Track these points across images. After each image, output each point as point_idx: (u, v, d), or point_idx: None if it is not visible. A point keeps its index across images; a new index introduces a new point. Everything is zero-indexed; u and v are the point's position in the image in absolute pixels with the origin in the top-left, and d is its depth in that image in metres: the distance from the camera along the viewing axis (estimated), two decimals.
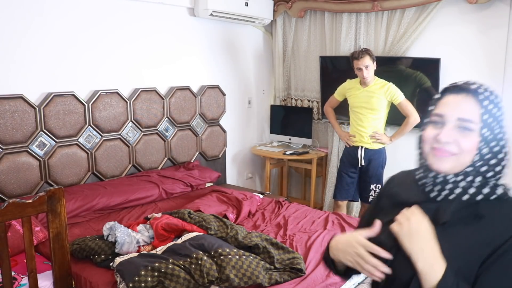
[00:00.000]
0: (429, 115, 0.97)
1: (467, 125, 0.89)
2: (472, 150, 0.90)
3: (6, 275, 1.53)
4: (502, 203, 0.90)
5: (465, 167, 0.90)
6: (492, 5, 3.09)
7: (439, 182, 0.92)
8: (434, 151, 0.92)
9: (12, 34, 2.54)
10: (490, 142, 0.90)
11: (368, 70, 3.06)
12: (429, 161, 0.94)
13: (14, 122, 2.55)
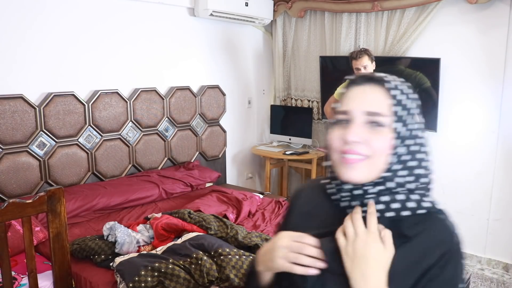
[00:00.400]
0: (335, 114, 0.82)
1: (376, 119, 0.77)
2: (386, 150, 0.77)
3: (6, 275, 1.53)
4: (429, 220, 0.77)
5: (381, 172, 0.77)
6: (492, 5, 3.09)
7: (356, 195, 0.79)
8: (343, 159, 0.78)
9: (12, 34, 2.54)
10: (405, 139, 0.78)
11: (366, 70, 3.06)
12: (338, 172, 0.79)
13: (14, 122, 2.55)
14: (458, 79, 3.33)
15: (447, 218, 0.80)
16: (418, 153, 0.79)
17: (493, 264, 3.36)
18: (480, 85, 3.25)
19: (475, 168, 3.36)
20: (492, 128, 3.24)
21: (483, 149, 3.30)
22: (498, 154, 3.25)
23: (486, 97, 3.24)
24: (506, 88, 3.14)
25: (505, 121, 3.18)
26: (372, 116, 0.77)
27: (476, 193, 3.37)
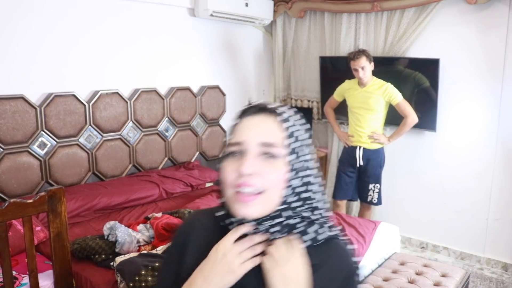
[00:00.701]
0: (226, 147, 0.78)
1: (270, 150, 0.75)
2: (281, 183, 0.76)
3: (7, 274, 1.54)
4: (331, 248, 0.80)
5: (277, 206, 0.76)
6: (491, 5, 3.09)
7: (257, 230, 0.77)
8: (238, 196, 0.75)
9: (12, 34, 2.55)
10: (299, 171, 0.77)
11: (364, 71, 3.07)
12: (233, 208, 0.76)
13: (15, 122, 2.56)
14: (457, 79, 3.34)
15: (345, 244, 0.83)
16: (311, 185, 0.79)
17: (492, 264, 3.36)
18: (479, 85, 3.26)
19: (474, 168, 3.36)
20: (492, 128, 3.25)
21: (482, 149, 3.31)
22: (498, 154, 3.25)
23: (485, 97, 3.25)
24: (505, 88, 3.15)
25: (504, 121, 3.19)
26: (267, 147, 0.75)
27: (476, 193, 3.38)
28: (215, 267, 0.75)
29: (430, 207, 3.63)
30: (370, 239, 2.57)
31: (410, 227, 3.73)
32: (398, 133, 3.20)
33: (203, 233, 0.85)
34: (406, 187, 3.74)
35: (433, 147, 3.54)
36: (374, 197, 3.29)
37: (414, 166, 3.68)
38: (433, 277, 2.27)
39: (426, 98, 3.40)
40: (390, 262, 2.48)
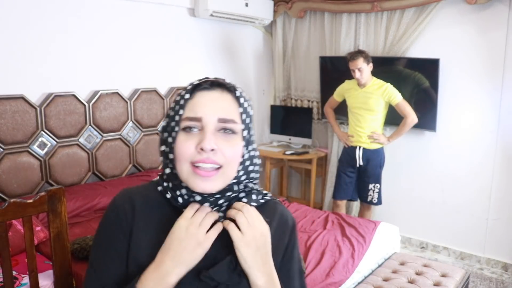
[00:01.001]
0: (175, 122, 0.77)
1: (229, 126, 0.77)
2: (238, 158, 0.78)
3: (7, 274, 1.54)
4: (274, 208, 0.88)
5: (231, 180, 0.79)
6: (491, 5, 3.09)
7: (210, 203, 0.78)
8: (197, 171, 0.75)
9: (12, 35, 2.55)
10: (249, 145, 0.81)
11: (361, 72, 3.07)
12: (190, 182, 0.76)
13: (15, 122, 2.56)
14: (457, 79, 3.34)
15: (280, 203, 0.92)
16: (255, 158, 0.83)
17: (492, 264, 3.36)
18: (479, 85, 3.26)
19: (474, 167, 3.36)
20: (491, 128, 3.25)
21: (482, 149, 3.31)
22: (497, 154, 3.25)
23: (485, 97, 3.25)
24: (505, 88, 3.15)
25: (504, 121, 3.19)
26: (226, 123, 0.76)
27: (475, 193, 3.38)
28: (181, 244, 0.74)
29: (430, 207, 3.63)
30: (370, 239, 2.57)
31: (410, 227, 3.73)
32: (398, 133, 3.20)
33: (148, 210, 0.82)
34: (406, 187, 3.74)
35: (433, 147, 3.54)
36: (374, 197, 3.29)
37: (414, 166, 3.68)
38: (433, 277, 2.27)
39: (426, 98, 3.40)
40: (390, 262, 2.48)
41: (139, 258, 0.79)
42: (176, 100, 0.79)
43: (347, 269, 2.27)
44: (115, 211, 0.82)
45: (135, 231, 0.80)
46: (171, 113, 0.79)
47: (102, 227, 0.83)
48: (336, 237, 2.56)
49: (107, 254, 0.80)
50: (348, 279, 2.23)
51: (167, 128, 0.80)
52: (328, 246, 2.45)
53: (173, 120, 0.78)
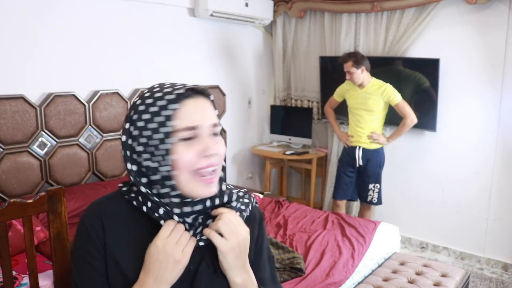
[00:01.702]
0: (163, 134, 0.76)
1: (217, 129, 0.81)
2: (223, 158, 0.83)
3: (7, 274, 1.54)
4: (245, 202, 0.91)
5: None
6: (491, 5, 3.09)
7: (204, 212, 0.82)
8: (201, 178, 0.78)
9: (12, 35, 2.55)
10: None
11: (351, 75, 3.10)
12: (192, 190, 0.79)
13: (15, 122, 2.56)
14: (457, 79, 3.34)
15: (249, 194, 0.94)
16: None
17: (492, 264, 3.36)
18: (479, 85, 3.26)
19: (474, 168, 3.36)
20: (491, 128, 3.25)
21: (482, 149, 3.31)
22: (497, 154, 3.25)
23: (485, 97, 3.25)
24: (505, 88, 3.15)
25: (504, 121, 3.19)
26: (215, 127, 0.80)
27: (476, 193, 3.38)
28: (161, 264, 0.76)
29: (430, 207, 3.63)
30: (370, 239, 2.57)
31: (410, 227, 3.73)
32: (398, 133, 3.20)
33: (120, 225, 0.81)
34: (406, 187, 3.74)
35: (433, 147, 3.54)
36: (374, 197, 3.29)
37: (414, 166, 3.68)
38: (433, 277, 2.27)
39: (426, 98, 3.40)
40: (390, 262, 2.48)
41: (119, 274, 0.80)
42: (155, 111, 0.77)
43: (347, 269, 2.27)
44: (85, 232, 0.81)
45: (108, 248, 0.80)
46: (153, 125, 0.77)
47: (76, 247, 0.82)
48: (336, 237, 2.56)
49: (88, 273, 0.81)
50: (348, 279, 2.23)
51: (148, 142, 0.77)
52: (328, 246, 2.45)
53: (156, 132, 0.77)
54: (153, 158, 0.78)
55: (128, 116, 0.81)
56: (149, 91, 0.81)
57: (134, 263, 0.80)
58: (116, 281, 0.80)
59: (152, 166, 0.78)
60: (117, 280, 0.80)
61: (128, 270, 0.80)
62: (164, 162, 0.77)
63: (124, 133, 0.81)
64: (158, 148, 0.77)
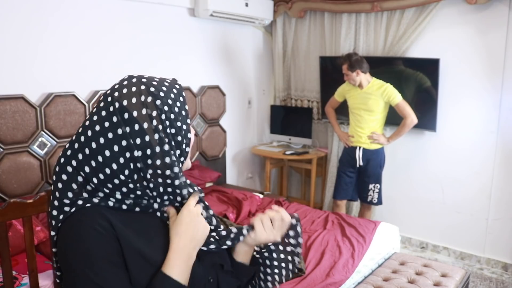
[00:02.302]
0: (188, 116, 0.88)
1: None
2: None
3: (7, 274, 1.54)
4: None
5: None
6: (491, 5, 3.09)
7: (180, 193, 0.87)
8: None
9: (13, 35, 2.55)
10: None
11: (347, 76, 3.13)
12: (187, 164, 0.91)
13: (14, 122, 2.56)
14: (457, 79, 3.34)
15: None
16: None
17: (492, 264, 3.36)
18: (479, 85, 3.26)
19: (474, 167, 3.36)
20: (491, 128, 3.25)
21: (482, 149, 3.31)
22: (497, 153, 3.25)
23: (485, 97, 3.25)
24: (505, 88, 3.15)
25: (504, 121, 3.19)
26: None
27: (476, 193, 3.38)
28: (194, 226, 0.84)
29: (430, 207, 3.63)
30: (370, 239, 2.57)
31: (410, 227, 3.73)
32: (398, 134, 3.20)
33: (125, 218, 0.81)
34: (406, 187, 3.74)
35: (433, 147, 3.54)
36: (374, 197, 3.29)
37: (414, 166, 3.68)
38: (433, 277, 2.27)
39: (426, 98, 3.40)
40: (390, 262, 2.48)
41: (144, 262, 0.79)
42: (174, 97, 0.85)
43: (347, 269, 2.27)
44: (94, 234, 0.77)
45: (123, 241, 0.78)
46: (176, 108, 0.84)
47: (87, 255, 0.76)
48: (336, 237, 2.56)
49: (115, 275, 0.77)
50: (348, 279, 2.23)
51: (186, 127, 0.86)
52: (328, 246, 2.45)
53: (180, 114, 0.85)
54: (176, 137, 0.84)
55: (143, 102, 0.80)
56: (153, 83, 0.84)
57: (155, 246, 0.82)
58: (143, 271, 0.79)
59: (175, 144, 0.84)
60: (144, 270, 0.79)
61: (152, 254, 0.81)
62: (185, 141, 0.85)
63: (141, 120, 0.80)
64: (182, 128, 0.85)
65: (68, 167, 0.81)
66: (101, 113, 0.81)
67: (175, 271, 0.80)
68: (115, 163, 0.78)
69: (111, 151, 0.78)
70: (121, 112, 0.79)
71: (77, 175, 0.80)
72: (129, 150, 0.78)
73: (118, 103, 0.80)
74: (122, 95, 0.82)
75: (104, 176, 0.79)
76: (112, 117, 0.79)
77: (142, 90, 0.81)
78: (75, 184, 0.80)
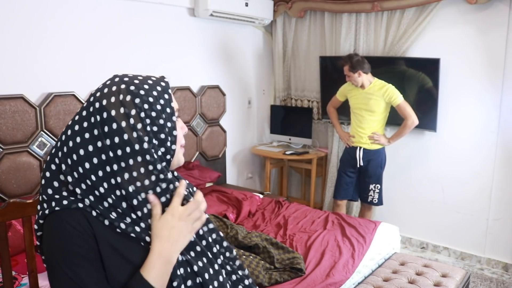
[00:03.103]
0: (173, 113, 0.88)
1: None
2: None
3: (6, 274, 1.54)
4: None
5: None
6: (492, 5, 3.09)
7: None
8: (181, 148, 0.93)
9: (12, 34, 2.55)
10: None
11: (349, 78, 3.13)
12: (178, 159, 0.91)
13: (14, 122, 2.56)
14: (457, 79, 3.33)
15: None
16: None
17: (492, 264, 3.36)
18: (479, 85, 3.25)
19: (474, 167, 3.36)
20: (492, 128, 3.24)
21: (482, 149, 3.31)
22: (498, 154, 3.25)
23: (485, 97, 3.24)
24: (505, 88, 3.15)
25: (505, 121, 3.18)
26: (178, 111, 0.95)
27: (476, 193, 3.37)
28: (177, 231, 0.83)
29: (430, 207, 3.62)
30: (370, 239, 2.57)
31: (410, 227, 3.73)
32: (398, 135, 3.19)
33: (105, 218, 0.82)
34: (407, 187, 3.74)
35: (434, 147, 3.54)
36: (375, 198, 3.29)
37: (414, 166, 3.68)
38: (433, 277, 2.26)
39: (427, 98, 3.40)
40: (390, 262, 2.48)
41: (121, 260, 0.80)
42: (157, 95, 0.86)
43: (347, 269, 2.26)
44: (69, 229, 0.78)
45: (100, 238, 0.79)
46: (159, 106, 0.84)
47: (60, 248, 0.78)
48: (336, 237, 2.56)
49: (86, 271, 0.77)
50: (348, 280, 2.22)
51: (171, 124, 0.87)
52: (328, 246, 2.45)
53: (163, 112, 0.85)
54: (159, 135, 0.84)
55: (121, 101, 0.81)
56: (135, 81, 0.85)
57: (135, 246, 0.82)
58: (120, 269, 0.80)
59: (158, 142, 0.85)
60: (121, 268, 0.80)
61: (131, 254, 0.81)
62: (170, 138, 0.86)
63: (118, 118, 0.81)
64: (166, 125, 0.85)
65: (52, 165, 0.83)
66: (82, 113, 0.84)
67: (153, 274, 0.79)
68: (88, 163, 0.80)
69: (86, 150, 0.80)
70: (100, 111, 0.81)
71: (58, 172, 0.83)
72: (104, 152, 0.80)
73: (98, 102, 0.82)
74: (102, 94, 0.83)
75: (78, 174, 0.80)
76: (91, 118, 0.82)
77: (122, 89, 0.83)
78: (57, 181, 0.82)
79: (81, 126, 0.82)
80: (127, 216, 0.82)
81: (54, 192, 0.82)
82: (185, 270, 0.85)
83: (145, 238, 0.82)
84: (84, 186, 0.80)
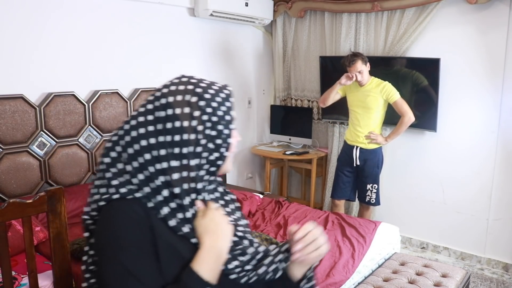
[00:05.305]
0: (231, 121, 0.90)
1: None
2: None
3: (6, 275, 1.53)
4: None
5: None
6: (492, 5, 3.09)
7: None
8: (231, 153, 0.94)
9: (12, 34, 2.55)
10: None
11: (362, 75, 3.10)
12: (226, 167, 0.94)
13: (14, 122, 2.55)
14: (457, 79, 3.33)
15: None
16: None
17: (492, 264, 3.36)
18: (479, 85, 3.25)
19: (474, 167, 3.36)
20: (492, 128, 3.24)
21: (482, 149, 3.30)
22: (498, 154, 3.25)
23: (485, 97, 3.24)
24: (505, 88, 3.15)
25: (505, 121, 3.18)
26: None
27: (476, 193, 3.37)
28: (224, 228, 0.85)
29: (430, 207, 3.62)
30: (370, 239, 2.56)
31: (410, 227, 3.73)
32: (395, 132, 3.19)
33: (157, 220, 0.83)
34: (406, 187, 3.74)
35: (434, 147, 3.54)
36: (372, 197, 3.29)
37: (414, 166, 3.68)
38: (433, 277, 2.26)
39: (427, 98, 3.40)
40: (390, 262, 2.48)
41: (175, 256, 0.81)
42: (221, 101, 0.87)
43: (347, 269, 2.26)
44: (126, 217, 0.80)
45: (157, 230, 0.81)
46: (220, 112, 0.86)
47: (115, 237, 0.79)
48: (336, 237, 2.56)
49: (143, 260, 0.78)
50: (348, 280, 2.22)
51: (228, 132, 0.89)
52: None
53: (223, 119, 0.87)
54: (216, 140, 0.87)
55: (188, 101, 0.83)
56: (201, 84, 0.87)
57: (185, 242, 0.83)
58: (173, 263, 0.81)
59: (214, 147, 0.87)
60: (174, 262, 0.81)
61: (184, 249, 0.82)
62: (225, 145, 0.89)
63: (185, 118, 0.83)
64: (223, 132, 0.87)
65: (112, 152, 0.85)
66: (148, 106, 0.85)
67: (204, 268, 0.80)
68: (148, 154, 0.81)
69: (148, 142, 0.81)
70: (165, 108, 0.83)
71: (118, 160, 0.84)
72: (164, 147, 0.81)
73: (165, 99, 0.84)
74: (170, 91, 0.86)
75: (138, 164, 0.81)
76: (155, 112, 0.83)
77: (189, 90, 0.85)
78: (115, 168, 0.84)
79: (146, 118, 0.83)
80: (177, 213, 0.83)
81: (112, 178, 0.83)
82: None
83: (191, 240, 0.83)
84: (142, 176, 0.81)
